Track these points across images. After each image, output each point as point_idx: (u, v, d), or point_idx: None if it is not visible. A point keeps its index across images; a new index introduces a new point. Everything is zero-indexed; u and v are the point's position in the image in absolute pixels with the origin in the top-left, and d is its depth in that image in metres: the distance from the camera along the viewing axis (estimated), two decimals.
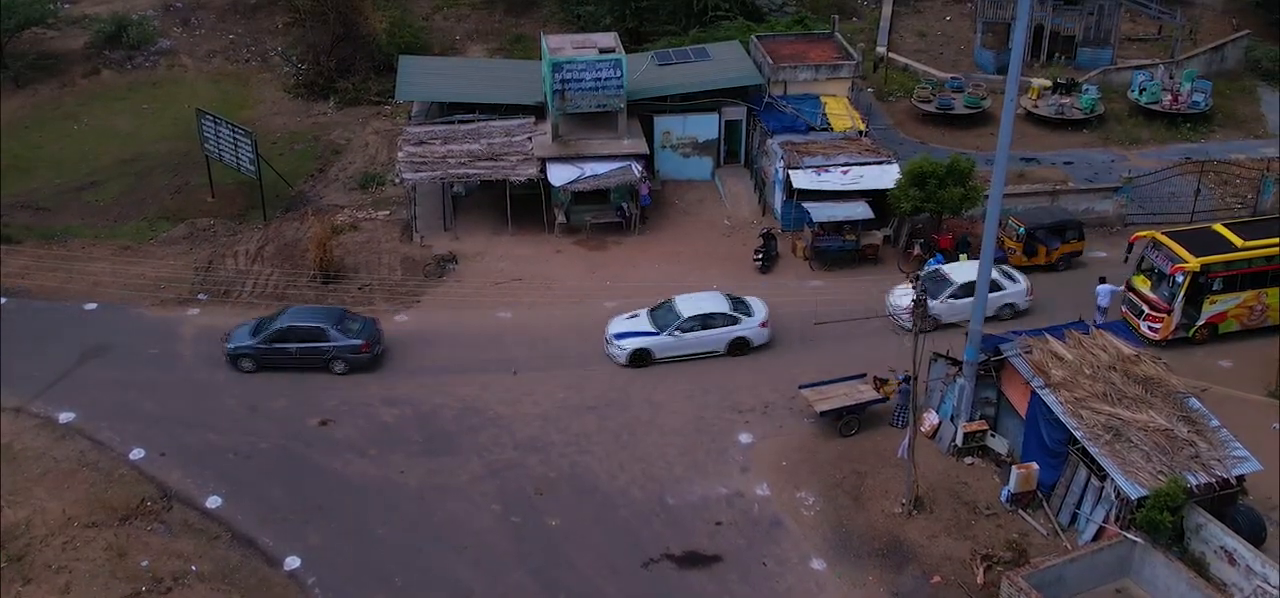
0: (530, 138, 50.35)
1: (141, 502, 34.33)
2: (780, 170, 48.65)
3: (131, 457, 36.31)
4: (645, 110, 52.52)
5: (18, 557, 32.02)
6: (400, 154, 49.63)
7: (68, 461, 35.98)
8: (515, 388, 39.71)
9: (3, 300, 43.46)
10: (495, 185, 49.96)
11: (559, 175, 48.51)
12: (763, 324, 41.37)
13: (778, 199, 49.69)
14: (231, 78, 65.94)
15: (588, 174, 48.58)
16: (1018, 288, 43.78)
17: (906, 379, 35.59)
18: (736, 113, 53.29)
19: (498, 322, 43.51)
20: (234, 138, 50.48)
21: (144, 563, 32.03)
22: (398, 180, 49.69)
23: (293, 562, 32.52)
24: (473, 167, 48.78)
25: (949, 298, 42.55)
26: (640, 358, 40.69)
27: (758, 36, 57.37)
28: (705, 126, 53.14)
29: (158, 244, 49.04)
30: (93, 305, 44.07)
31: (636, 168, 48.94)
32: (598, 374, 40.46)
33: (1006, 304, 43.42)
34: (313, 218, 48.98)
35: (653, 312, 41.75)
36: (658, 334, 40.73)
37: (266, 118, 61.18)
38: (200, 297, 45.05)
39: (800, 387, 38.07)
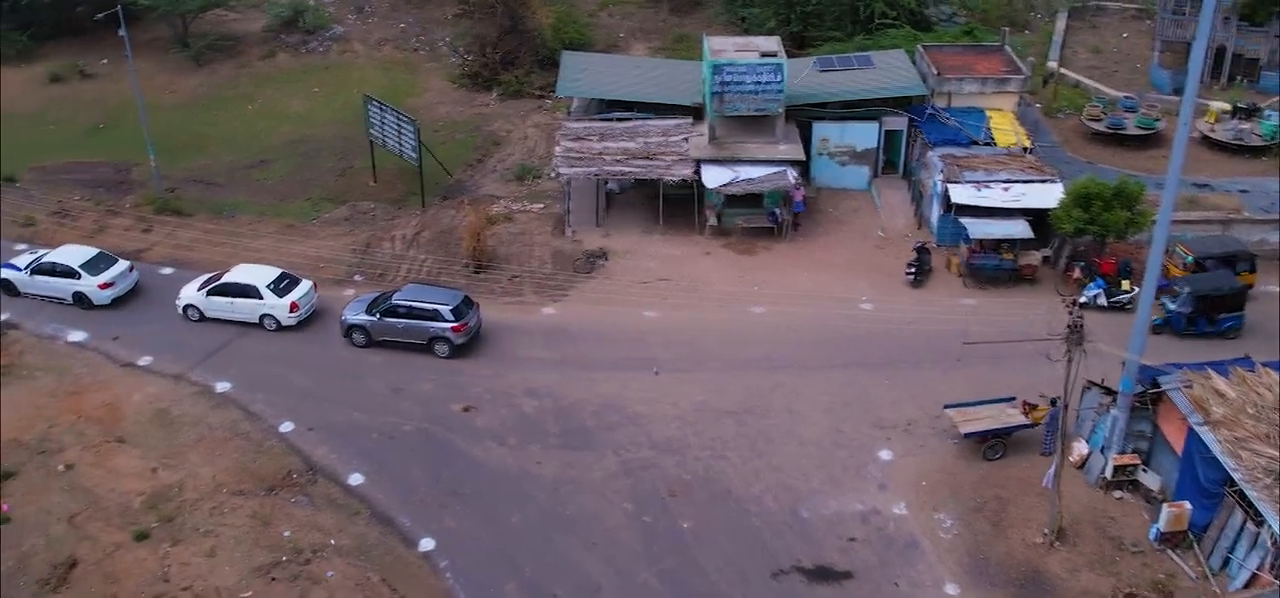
0: (686, 138, 50.32)
1: (288, 474, 35.44)
2: (939, 183, 47.62)
3: (281, 429, 37.53)
4: (804, 116, 52.02)
5: (169, 518, 33.31)
6: (557, 148, 50.15)
7: (221, 429, 37.34)
8: (655, 388, 39.71)
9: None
10: (648, 184, 50.08)
11: (713, 177, 48.33)
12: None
13: (934, 213, 48.65)
14: (400, 65, 67.56)
15: (742, 177, 48.28)
16: (279, 303, 42.46)
17: (1056, 404, 34.45)
18: (897, 122, 52.42)
19: (643, 321, 43.55)
20: (398, 124, 51.65)
21: (286, 533, 33.03)
22: (553, 174, 50.17)
23: (427, 543, 33.11)
24: (628, 164, 48.97)
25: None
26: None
27: (924, 46, 56.29)
28: (864, 135, 52.37)
29: (319, 224, 50.56)
30: None
31: (791, 174, 48.44)
32: (738, 380, 40.16)
33: (266, 315, 42.65)
34: (469, 207, 49.85)
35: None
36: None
37: (431, 106, 62.50)
38: (356, 277, 46.24)
39: (946, 406, 37.22)
